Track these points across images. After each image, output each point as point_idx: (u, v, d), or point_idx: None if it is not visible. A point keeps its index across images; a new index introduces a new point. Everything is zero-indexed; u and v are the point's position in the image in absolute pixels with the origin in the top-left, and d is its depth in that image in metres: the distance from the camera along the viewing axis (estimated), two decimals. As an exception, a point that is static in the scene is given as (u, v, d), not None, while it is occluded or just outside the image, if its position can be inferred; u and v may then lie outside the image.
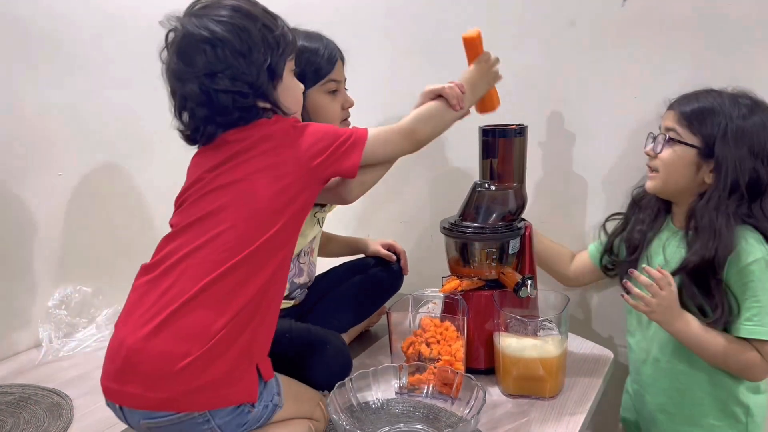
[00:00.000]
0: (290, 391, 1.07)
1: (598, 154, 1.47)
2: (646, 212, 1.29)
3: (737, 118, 1.13)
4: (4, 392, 1.31)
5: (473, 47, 1.20)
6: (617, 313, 1.47)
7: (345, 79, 1.34)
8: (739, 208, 1.13)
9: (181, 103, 1.01)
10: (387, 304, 1.52)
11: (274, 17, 1.03)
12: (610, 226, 1.39)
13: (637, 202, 1.32)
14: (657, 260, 1.23)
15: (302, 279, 1.38)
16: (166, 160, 1.36)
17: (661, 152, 1.20)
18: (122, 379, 0.92)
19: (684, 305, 1.14)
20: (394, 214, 1.78)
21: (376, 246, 1.55)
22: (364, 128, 1.06)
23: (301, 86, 1.08)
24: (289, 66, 1.05)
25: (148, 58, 1.06)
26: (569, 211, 1.54)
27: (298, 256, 1.35)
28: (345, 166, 1.02)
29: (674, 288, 1.11)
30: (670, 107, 1.22)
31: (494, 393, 1.24)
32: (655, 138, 1.23)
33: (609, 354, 1.40)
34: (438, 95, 1.13)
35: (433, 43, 1.60)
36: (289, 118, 1.04)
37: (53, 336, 1.54)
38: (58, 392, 1.30)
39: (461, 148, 1.52)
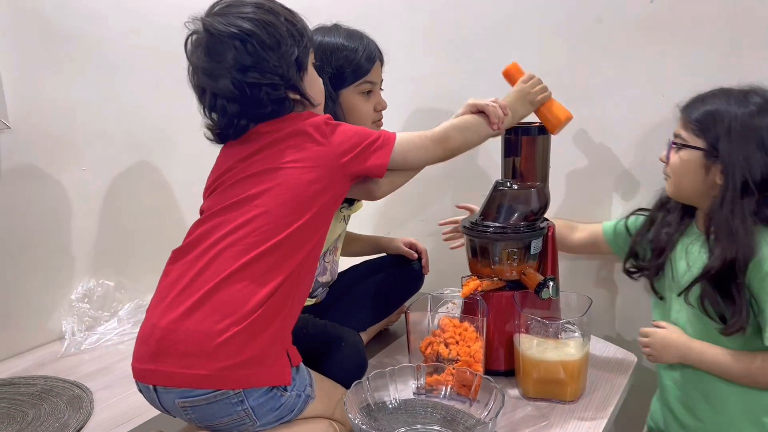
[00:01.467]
0: (323, 387, 1.07)
1: (623, 153, 1.44)
2: (672, 214, 1.26)
3: (743, 116, 1.09)
4: (27, 384, 1.32)
5: (511, 78, 1.25)
6: (642, 315, 1.44)
7: (381, 81, 1.33)
8: (759, 209, 1.09)
9: (212, 101, 1.02)
10: (406, 303, 1.51)
11: (292, 12, 1.05)
12: (632, 225, 1.35)
13: (664, 203, 1.29)
14: (680, 265, 1.20)
15: (325, 278, 1.38)
16: (191, 156, 1.37)
17: (668, 158, 1.19)
18: (157, 360, 0.93)
19: (705, 313, 1.12)
20: (415, 212, 1.77)
21: (399, 244, 1.54)
22: (393, 132, 1.07)
23: (320, 80, 1.10)
24: (311, 59, 1.07)
25: (175, 56, 1.06)
26: (593, 212, 1.51)
27: (324, 254, 1.35)
28: (373, 166, 1.04)
29: (658, 335, 1.19)
30: (681, 111, 1.19)
31: (514, 395, 1.22)
32: (668, 144, 1.21)
33: (633, 358, 1.37)
34: (480, 110, 1.16)
35: (456, 42, 1.59)
36: (321, 115, 1.05)
37: (76, 329, 1.56)
38: (79, 385, 1.31)
39: (485, 145, 1.50)
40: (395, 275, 1.47)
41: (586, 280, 1.53)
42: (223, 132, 1.05)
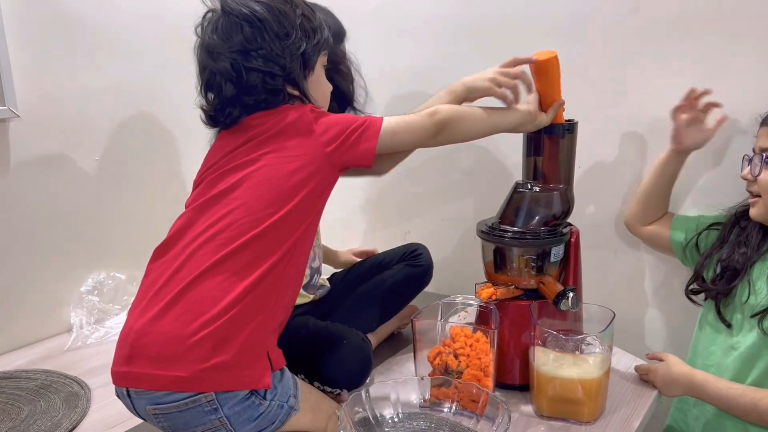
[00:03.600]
0: (309, 399, 1.01)
1: (659, 155, 1.34)
2: (750, 233, 1.14)
3: None
4: (27, 377, 1.30)
5: (545, 72, 1.14)
6: (674, 328, 1.35)
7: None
8: None
9: (210, 79, 1.00)
10: (417, 304, 1.44)
11: (313, 9, 1.04)
12: (703, 241, 1.25)
13: (739, 221, 1.17)
14: (759, 286, 1.10)
15: (316, 263, 1.34)
16: (204, 147, 1.32)
17: (759, 174, 1.07)
18: (131, 362, 0.89)
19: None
20: (436, 212, 1.69)
21: (348, 256, 1.54)
22: (379, 117, 1.02)
23: (330, 86, 1.09)
24: (322, 61, 1.05)
25: (189, 43, 1.03)
26: (623, 217, 1.41)
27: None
28: (359, 154, 0.99)
29: (659, 372, 1.15)
30: (764, 123, 1.09)
31: (527, 412, 1.14)
32: (751, 160, 1.10)
33: (660, 375, 1.27)
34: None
35: (480, 29, 1.50)
36: (307, 104, 1.02)
37: (84, 321, 1.53)
38: (79, 381, 1.28)
39: (507, 143, 1.42)
40: (401, 273, 1.41)
41: (611, 292, 1.44)
42: (215, 115, 1.02)
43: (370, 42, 1.66)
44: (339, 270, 1.50)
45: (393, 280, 1.39)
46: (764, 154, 1.06)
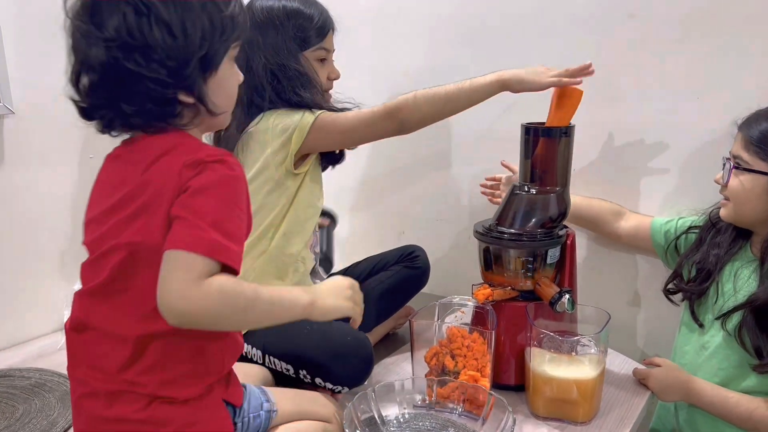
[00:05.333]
0: (284, 396, 0.99)
1: (653, 159, 1.36)
2: (723, 236, 1.17)
3: None
4: (22, 376, 1.29)
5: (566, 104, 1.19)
6: (665, 330, 1.36)
7: (333, 50, 1.31)
8: None
9: (79, 69, 0.79)
10: (413, 305, 1.45)
11: None
12: (683, 242, 1.26)
13: (715, 224, 1.19)
14: (726, 288, 1.12)
15: (318, 248, 1.36)
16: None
17: (727, 182, 1.09)
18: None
19: (741, 344, 1.04)
20: (432, 212, 1.70)
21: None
22: (217, 242, 0.75)
23: (241, 76, 0.87)
24: (231, 54, 0.83)
25: None
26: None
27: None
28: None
29: (657, 378, 1.15)
30: (739, 128, 1.10)
31: (522, 412, 1.15)
32: (724, 164, 1.12)
33: (653, 376, 1.28)
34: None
35: (478, 33, 1.51)
36: (205, 150, 0.79)
37: (78, 320, 1.52)
38: (74, 380, 1.28)
39: (505, 146, 1.43)
40: (399, 273, 1.42)
41: (606, 293, 1.45)
42: (90, 111, 0.81)
43: (366, 43, 1.66)
44: (337, 271, 1.50)
45: (391, 281, 1.39)
46: (735, 161, 1.08)
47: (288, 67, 1.22)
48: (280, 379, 1.17)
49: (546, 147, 1.21)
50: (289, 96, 1.21)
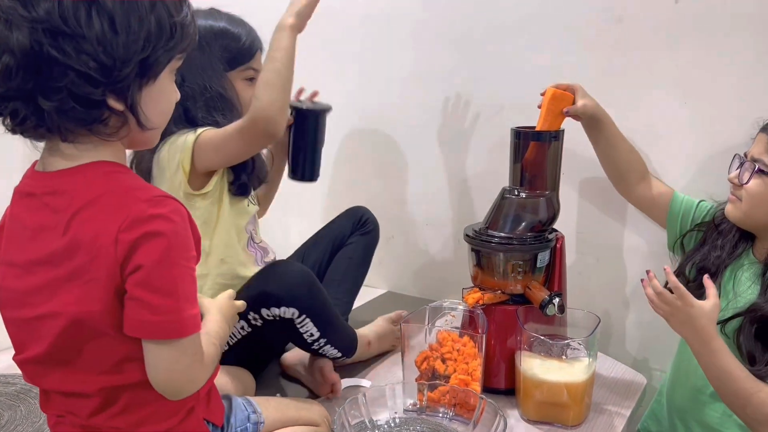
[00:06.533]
0: (268, 406, 0.99)
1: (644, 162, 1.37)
2: (726, 237, 1.14)
3: None
4: (6, 382, 1.27)
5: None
6: (655, 333, 1.37)
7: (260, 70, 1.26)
8: None
9: None
10: (405, 309, 1.45)
11: (184, 2, 0.76)
12: (687, 241, 1.23)
13: (717, 225, 1.17)
14: (727, 289, 1.10)
15: (270, 256, 1.31)
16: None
17: (747, 183, 1.05)
18: None
19: (738, 349, 1.02)
20: (421, 216, 1.70)
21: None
22: (193, 316, 0.74)
23: (177, 95, 0.80)
24: (172, 66, 0.76)
25: None
26: (607, 224, 1.44)
27: (249, 241, 1.27)
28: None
29: (695, 309, 0.96)
30: (763, 130, 1.07)
31: (513, 416, 1.15)
32: (742, 164, 1.08)
33: (642, 380, 1.29)
34: None
35: (467, 39, 1.52)
36: (117, 214, 0.70)
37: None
38: (60, 386, 1.26)
39: (495, 149, 1.44)
40: (360, 242, 1.46)
41: (595, 297, 1.46)
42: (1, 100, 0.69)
43: (355, 49, 1.67)
44: (293, 256, 1.48)
45: (356, 254, 1.44)
46: (756, 165, 1.05)
47: (207, 88, 1.18)
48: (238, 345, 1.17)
49: (536, 151, 1.21)
50: (196, 116, 1.16)
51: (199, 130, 1.13)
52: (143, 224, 0.70)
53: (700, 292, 1.07)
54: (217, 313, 0.89)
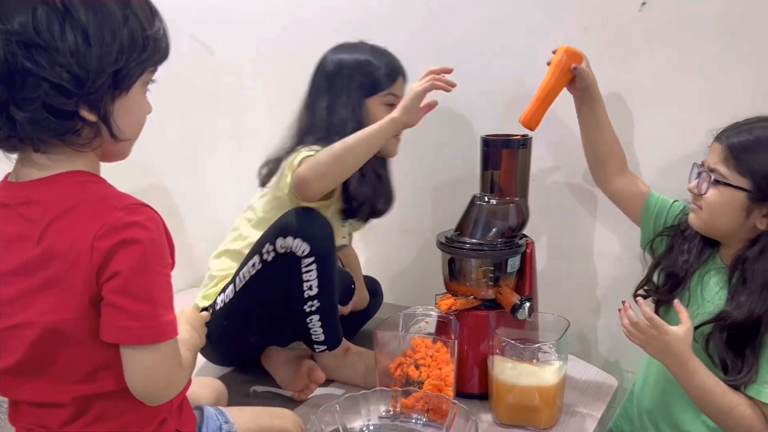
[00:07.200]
0: (242, 415, 0.99)
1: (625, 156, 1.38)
2: (691, 243, 1.13)
3: None
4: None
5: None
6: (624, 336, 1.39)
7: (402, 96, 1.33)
8: None
9: None
10: (380, 316, 1.46)
11: (154, 13, 0.77)
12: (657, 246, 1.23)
13: (683, 231, 1.16)
14: (695, 294, 1.11)
15: None
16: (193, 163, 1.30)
17: (705, 193, 1.05)
18: None
19: (708, 356, 1.03)
20: (394, 223, 1.71)
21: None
22: (170, 322, 0.76)
23: (150, 108, 0.81)
24: (145, 78, 0.78)
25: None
26: (576, 229, 1.46)
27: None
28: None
29: (669, 336, 0.98)
30: (717, 139, 1.06)
31: (486, 420, 1.16)
32: (699, 173, 1.08)
33: (613, 381, 1.31)
34: None
35: (443, 48, 1.53)
36: (93, 221, 0.71)
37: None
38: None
39: (466, 156, 1.45)
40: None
41: (566, 302, 1.47)
42: None
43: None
44: None
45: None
46: (712, 175, 1.04)
47: (340, 112, 1.28)
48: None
49: (505, 158, 1.23)
50: (321, 136, 1.25)
51: (304, 152, 1.20)
52: (119, 231, 0.71)
53: (673, 296, 1.10)
54: (185, 323, 0.91)
